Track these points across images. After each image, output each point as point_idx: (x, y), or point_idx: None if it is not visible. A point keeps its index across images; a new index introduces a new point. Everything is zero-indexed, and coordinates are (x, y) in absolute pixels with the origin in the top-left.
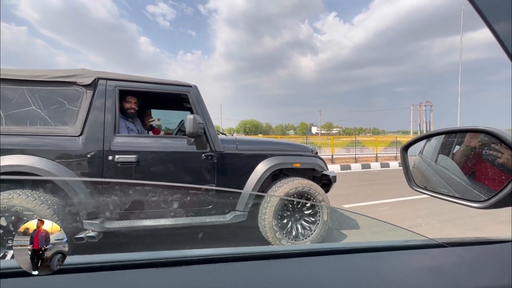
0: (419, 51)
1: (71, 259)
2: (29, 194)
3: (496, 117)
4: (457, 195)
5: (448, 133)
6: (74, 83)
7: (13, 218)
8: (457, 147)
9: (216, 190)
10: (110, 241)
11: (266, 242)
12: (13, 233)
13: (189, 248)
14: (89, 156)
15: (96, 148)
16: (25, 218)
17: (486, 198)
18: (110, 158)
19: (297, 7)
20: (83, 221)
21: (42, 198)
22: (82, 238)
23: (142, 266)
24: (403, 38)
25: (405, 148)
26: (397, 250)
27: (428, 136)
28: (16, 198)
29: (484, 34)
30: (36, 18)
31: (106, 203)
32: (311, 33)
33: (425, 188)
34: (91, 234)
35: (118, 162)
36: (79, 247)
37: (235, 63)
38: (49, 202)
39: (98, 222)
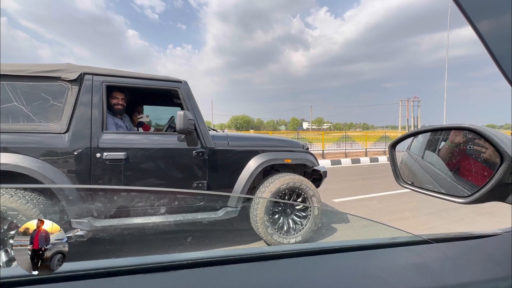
0: (409, 47)
1: None
2: (13, 193)
3: (480, 112)
4: (442, 191)
5: (434, 131)
6: (58, 78)
7: None
8: (443, 143)
9: (208, 188)
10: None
11: (257, 237)
12: None
13: (180, 248)
14: (76, 153)
15: (83, 145)
16: (9, 218)
17: (470, 194)
18: (98, 155)
19: (288, 1)
20: (71, 220)
21: (27, 197)
22: (70, 238)
23: (128, 272)
24: (393, 34)
25: (393, 145)
26: (384, 248)
27: (415, 134)
28: None
29: (470, 31)
30: (16, 9)
31: (95, 201)
32: (302, 28)
33: (412, 184)
34: (80, 233)
35: (106, 159)
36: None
37: (226, 57)
38: (34, 201)
39: (86, 221)
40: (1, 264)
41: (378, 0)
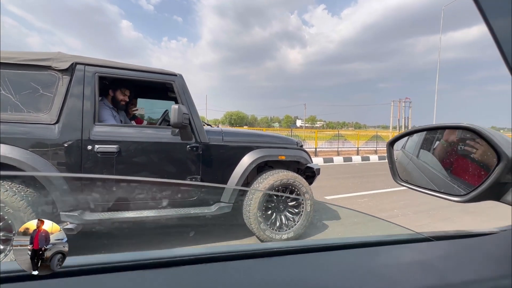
0: (404, 48)
1: None
2: None
3: (471, 115)
4: (438, 189)
5: (432, 129)
6: (49, 67)
7: None
8: (437, 142)
9: (201, 183)
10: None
11: (250, 233)
12: None
13: (177, 245)
14: (66, 145)
15: (73, 136)
16: None
17: (466, 193)
18: (89, 147)
19: None
20: (61, 213)
21: (14, 189)
22: None
23: (127, 268)
24: (389, 35)
25: (391, 143)
26: (387, 245)
27: (412, 132)
28: None
29: (464, 34)
30: None
31: (86, 194)
32: (299, 25)
33: (408, 182)
34: (69, 226)
35: (98, 152)
36: None
37: (222, 53)
38: (22, 193)
39: (76, 214)
40: None
41: (375, 0)
